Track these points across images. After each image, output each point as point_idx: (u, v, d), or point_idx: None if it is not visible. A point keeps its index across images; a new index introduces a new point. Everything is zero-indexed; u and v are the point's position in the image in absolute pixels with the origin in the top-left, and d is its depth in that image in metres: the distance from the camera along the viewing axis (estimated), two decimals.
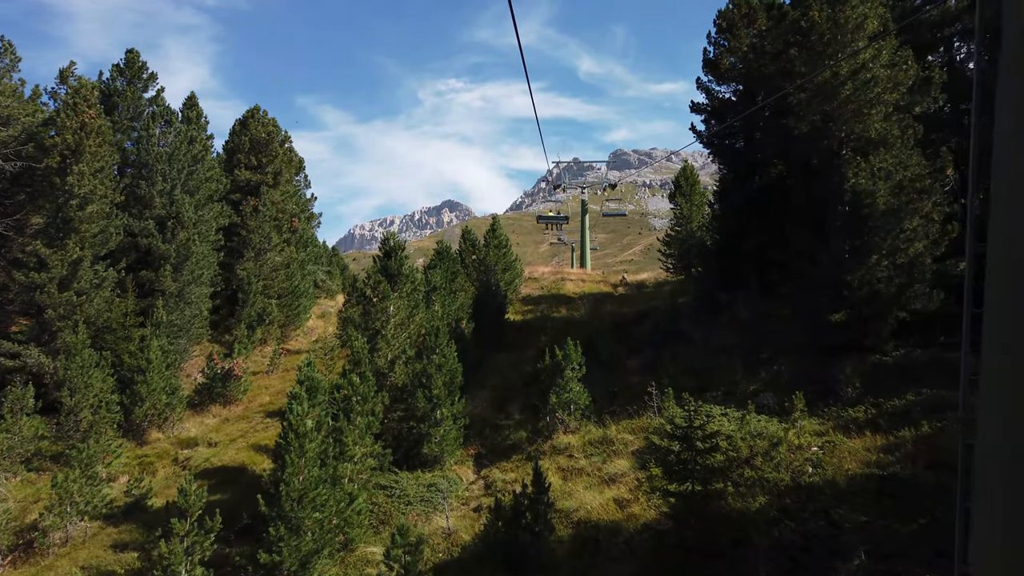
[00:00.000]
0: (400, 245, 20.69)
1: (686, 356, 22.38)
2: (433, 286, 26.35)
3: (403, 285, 20.43)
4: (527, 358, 29.47)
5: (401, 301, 20.47)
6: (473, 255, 36.12)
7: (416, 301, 20.85)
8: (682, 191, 43.26)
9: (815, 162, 21.29)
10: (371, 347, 19.54)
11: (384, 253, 20.80)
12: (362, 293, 20.42)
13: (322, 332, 43.72)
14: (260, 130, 44.14)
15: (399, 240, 20.95)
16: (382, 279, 19.91)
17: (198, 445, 27.54)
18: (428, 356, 19.21)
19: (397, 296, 20.47)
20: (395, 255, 20.53)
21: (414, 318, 20.83)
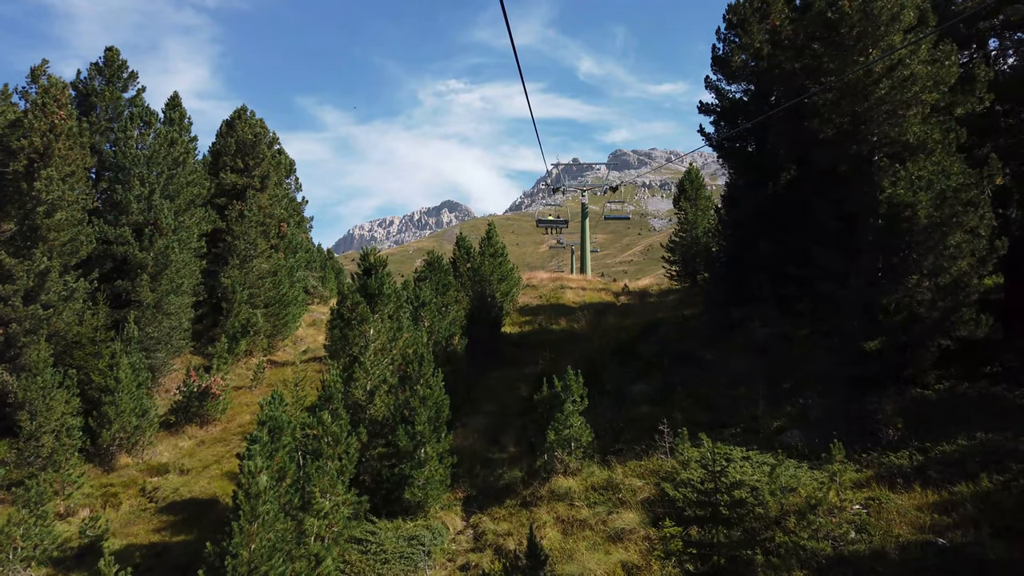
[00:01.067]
0: (381, 261, 18.32)
1: (698, 382, 19.99)
2: (422, 301, 24.01)
3: (384, 306, 18.07)
4: (524, 376, 27.14)
5: (382, 323, 18.10)
6: (468, 263, 33.77)
7: (400, 323, 18.49)
8: (687, 195, 40.93)
9: (842, 169, 18.91)
10: (347, 376, 17.17)
11: (363, 270, 18.43)
12: (339, 315, 18.06)
13: (312, 341, 41.43)
14: (247, 131, 41.77)
15: (380, 255, 18.57)
16: (360, 300, 17.56)
17: (169, 472, 25.19)
18: (411, 387, 16.85)
19: (378, 318, 18.11)
20: (375, 272, 18.17)
21: (397, 342, 18.46)
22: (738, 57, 27.47)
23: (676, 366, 21.86)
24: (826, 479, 13.62)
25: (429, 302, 23.99)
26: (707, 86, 28.59)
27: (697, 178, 40.98)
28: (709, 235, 39.90)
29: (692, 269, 40.74)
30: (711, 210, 40.67)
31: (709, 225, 40.06)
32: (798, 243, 24.82)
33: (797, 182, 24.84)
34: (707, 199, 41.22)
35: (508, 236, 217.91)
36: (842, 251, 19.37)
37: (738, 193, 29.55)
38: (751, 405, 17.55)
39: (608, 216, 54.51)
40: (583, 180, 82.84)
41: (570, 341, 30.94)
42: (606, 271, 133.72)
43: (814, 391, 17.33)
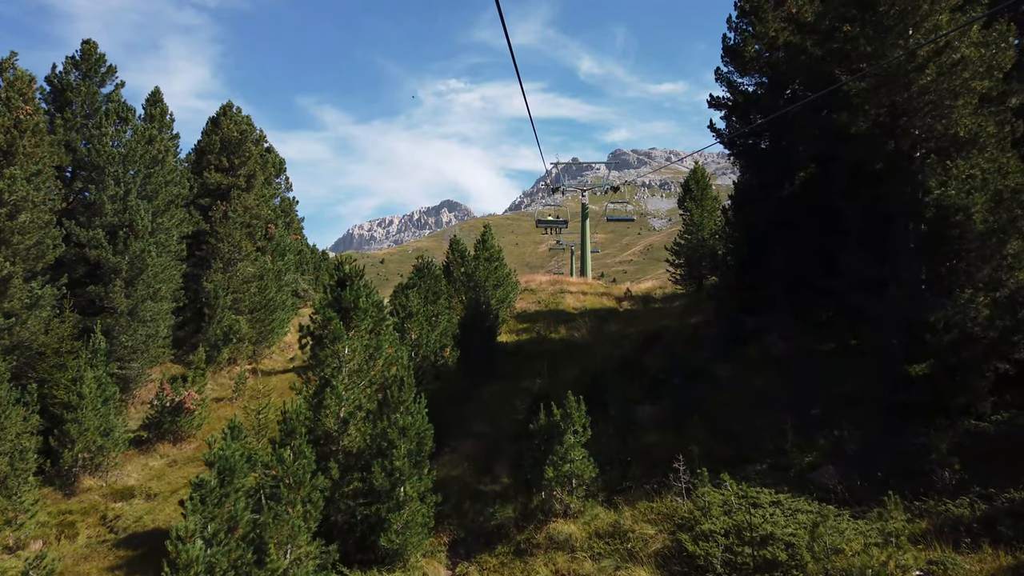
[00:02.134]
0: (358, 271, 15.98)
1: (714, 404, 17.63)
2: (409, 312, 21.70)
3: (360, 321, 15.74)
4: (521, 391, 24.83)
5: (358, 341, 15.78)
6: (462, 268, 31.45)
7: (379, 341, 16.15)
8: (692, 195, 38.57)
9: (878, 167, 16.56)
10: (317, 402, 14.85)
11: (337, 281, 16.08)
12: (308, 332, 15.73)
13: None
14: (232, 128, 39.38)
15: (356, 265, 16.24)
16: (333, 315, 15.23)
17: (135, 496, 22.87)
18: (389, 416, 14.53)
19: (354, 335, 15.78)
20: (351, 284, 15.83)
21: (376, 362, 16.14)
22: (751, 47, 25.13)
23: (687, 384, 19.53)
24: (875, 533, 11.28)
25: (416, 312, 21.69)
26: (717, 78, 26.25)
27: (703, 177, 38.62)
28: (716, 237, 37.58)
29: (698, 272, 38.40)
30: (718, 211, 38.35)
31: (715, 227, 37.74)
32: (818, 248, 22.54)
33: (817, 182, 22.51)
34: (713, 199, 38.88)
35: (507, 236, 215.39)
36: (873, 258, 17.08)
37: (750, 193, 27.21)
38: (777, 435, 15.18)
39: (611, 217, 51.99)
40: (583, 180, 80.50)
41: (570, 351, 28.62)
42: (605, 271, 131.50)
43: (848, 419, 14.97)
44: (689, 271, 38.87)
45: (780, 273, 24.25)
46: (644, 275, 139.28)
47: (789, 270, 23.62)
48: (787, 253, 23.99)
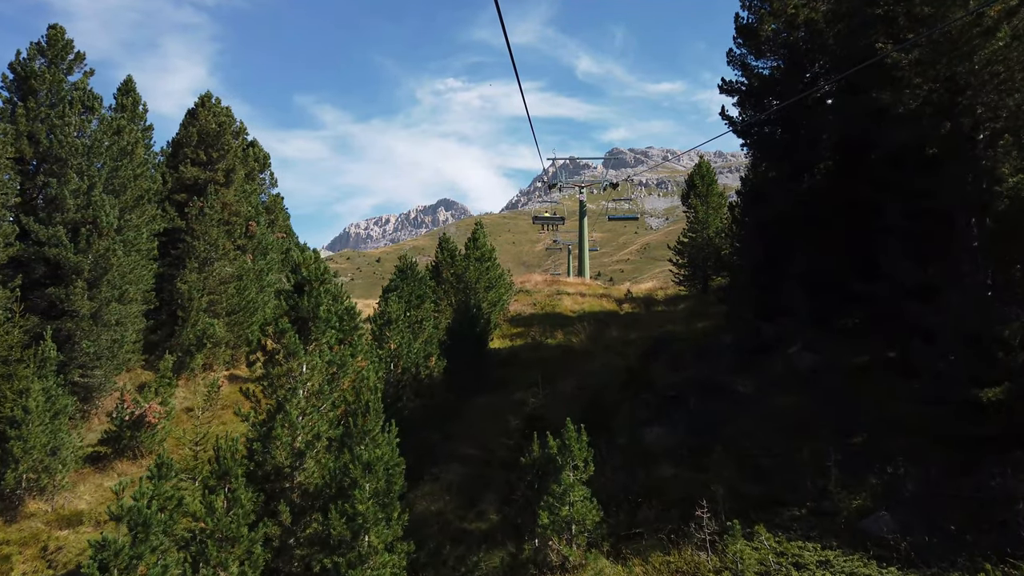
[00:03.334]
0: (319, 274, 13.33)
1: (735, 429, 14.96)
2: (387, 319, 19.07)
3: (321, 333, 13.10)
4: (514, 404, 22.21)
5: (318, 357, 13.14)
6: (452, 268, 28.79)
7: (343, 358, 13.52)
8: (697, 191, 35.94)
9: (931, 152, 13.92)
10: (266, 431, 12.22)
11: (294, 286, 13.42)
12: (259, 347, 13.08)
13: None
14: (210, 120, 36.63)
15: (320, 265, 13.59)
16: (287, 326, 12.59)
17: (83, 523, 20.20)
18: (351, 448, 11.90)
19: (313, 349, 13.15)
20: (311, 289, 13.19)
21: (341, 380, 13.51)
22: (767, 26, 22.49)
23: (702, 401, 16.91)
24: None
25: (396, 319, 19.04)
26: (729, 61, 23.61)
27: (708, 172, 35.99)
28: (722, 236, 34.99)
29: (703, 273, 35.81)
30: (724, 208, 35.76)
31: (722, 225, 35.15)
32: (846, 248, 19.96)
33: (846, 173, 19.91)
34: (719, 195, 36.26)
35: (504, 235, 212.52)
36: (922, 259, 14.51)
37: (766, 187, 24.64)
38: (817, 470, 12.52)
39: (613, 217, 49.05)
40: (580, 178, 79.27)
41: (568, 359, 26.01)
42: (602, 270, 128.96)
43: (902, 452, 12.33)
44: (693, 271, 36.28)
45: (800, 275, 21.68)
46: (641, 274, 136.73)
47: (810, 272, 21.05)
48: (808, 253, 21.42)
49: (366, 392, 12.21)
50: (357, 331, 16.84)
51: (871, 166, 18.10)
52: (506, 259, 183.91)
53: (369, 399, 12.14)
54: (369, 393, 12.21)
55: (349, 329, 16.58)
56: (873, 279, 16.34)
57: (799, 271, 21.62)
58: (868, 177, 18.19)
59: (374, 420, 12.08)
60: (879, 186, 16.74)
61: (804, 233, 21.45)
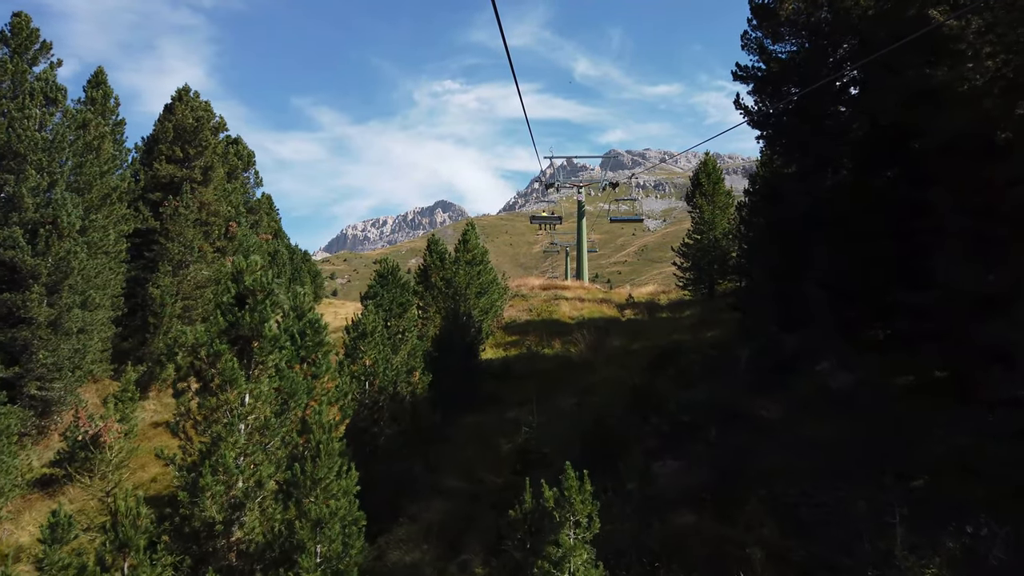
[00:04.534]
0: (265, 283, 10.86)
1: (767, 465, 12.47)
2: (362, 331, 16.60)
3: (267, 355, 10.63)
4: (507, 424, 19.78)
5: (266, 385, 10.67)
6: (442, 272, 26.29)
7: (294, 385, 11.06)
8: (703, 190, 33.47)
9: (1002, 137, 11.48)
10: (194, 479, 9.74)
11: (235, 297, 10.95)
12: (194, 371, 10.59)
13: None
14: (188, 115, 34.13)
15: (268, 274, 11.12)
16: (223, 348, 10.12)
17: (21, 561, 17.74)
18: (299, 503, 9.42)
19: (259, 373, 10.68)
20: (255, 302, 10.72)
21: (293, 412, 11.05)
22: (788, 5, 20.05)
23: (722, 428, 14.46)
24: None
25: (373, 331, 16.57)
26: (744, 45, 21.15)
27: (715, 170, 33.53)
28: (729, 238, 32.56)
29: (709, 277, 33.36)
30: (731, 207, 33.32)
31: (729, 226, 32.71)
32: (881, 251, 17.54)
33: (878, 166, 17.48)
34: (726, 195, 33.80)
35: (501, 236, 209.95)
36: (987, 264, 12.10)
37: (783, 184, 22.26)
38: (875, 525, 10.02)
39: (615, 218, 46.10)
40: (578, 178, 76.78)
41: (566, 372, 23.58)
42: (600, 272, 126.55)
43: (978, 503, 9.88)
44: (699, 275, 33.82)
45: (824, 281, 19.26)
46: (639, 276, 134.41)
47: (836, 278, 18.63)
48: (834, 257, 19.00)
49: (318, 431, 9.74)
50: (323, 347, 14.40)
51: (914, 158, 15.69)
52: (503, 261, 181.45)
53: (320, 439, 9.66)
54: (321, 432, 9.74)
55: (313, 346, 14.14)
56: (919, 286, 13.96)
57: (822, 276, 19.22)
58: (910, 170, 15.80)
59: (326, 466, 9.61)
60: (926, 180, 14.31)
61: (828, 234, 19.04)
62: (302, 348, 14.02)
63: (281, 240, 59.86)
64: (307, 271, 61.39)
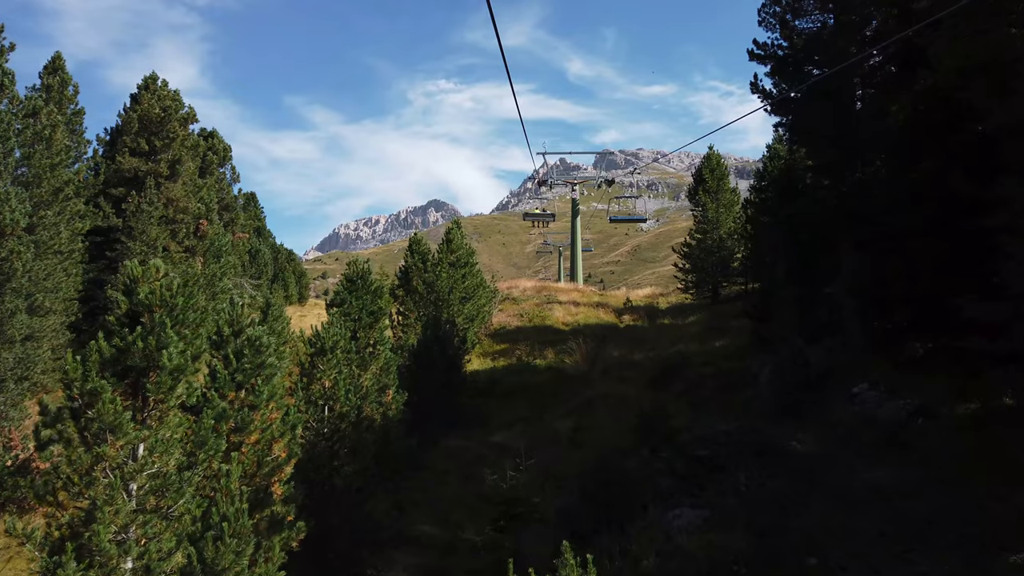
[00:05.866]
0: (167, 297, 8.16)
1: (811, 521, 9.76)
2: (320, 347, 13.89)
3: (168, 391, 7.93)
4: (493, 449, 17.12)
5: (168, 430, 8.00)
6: (425, 274, 23.59)
7: (203, 434, 8.37)
8: (706, 187, 30.86)
9: None
10: (55, 566, 7.00)
11: (126, 316, 8.22)
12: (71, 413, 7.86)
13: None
14: (154, 105, 31.33)
15: (171, 282, 8.43)
16: (103, 386, 7.43)
17: None
18: None
19: (155, 415, 8.01)
20: (151, 321, 8.01)
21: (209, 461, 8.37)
22: None
23: (746, 464, 11.83)
24: None
25: (333, 348, 13.87)
26: (761, 21, 18.51)
27: (719, 165, 30.89)
28: (735, 238, 29.97)
29: (713, 280, 30.75)
30: (737, 205, 30.73)
31: (734, 225, 30.13)
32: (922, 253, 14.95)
33: (921, 155, 14.85)
34: (732, 192, 31.18)
35: (495, 236, 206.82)
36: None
37: (803, 178, 19.70)
38: None
39: (615, 218, 42.81)
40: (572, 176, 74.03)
41: (560, 387, 20.94)
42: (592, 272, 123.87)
43: None
44: (701, 277, 31.19)
45: (855, 287, 16.66)
46: (632, 276, 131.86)
47: (871, 284, 16.03)
48: (866, 259, 16.41)
49: (223, 502, 7.02)
50: (265, 370, 11.71)
51: (969, 144, 13.12)
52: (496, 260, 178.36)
53: (227, 514, 6.94)
54: (228, 503, 7.02)
55: (251, 369, 11.44)
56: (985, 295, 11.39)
57: (852, 281, 16.63)
58: (965, 159, 13.20)
59: (232, 551, 6.89)
60: (991, 170, 11.70)
61: (859, 234, 16.45)
62: (238, 372, 11.34)
63: (265, 239, 57.12)
64: (292, 271, 58.62)
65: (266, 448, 11.40)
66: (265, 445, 11.37)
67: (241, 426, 10.96)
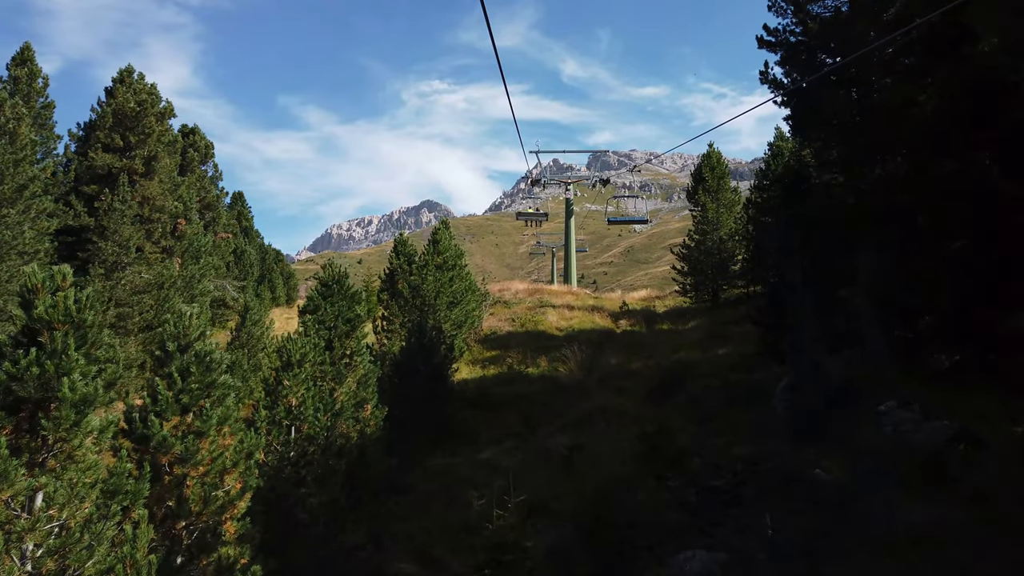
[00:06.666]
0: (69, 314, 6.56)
1: (854, 566, 8.28)
2: (287, 361, 12.31)
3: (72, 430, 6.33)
4: (480, 468, 15.56)
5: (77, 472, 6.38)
6: (412, 277, 21.99)
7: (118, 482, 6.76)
8: (706, 186, 29.39)
9: None
10: None
11: (23, 335, 6.59)
12: None
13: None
14: (129, 98, 29.65)
15: (78, 296, 6.84)
16: None
17: None
18: None
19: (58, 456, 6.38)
20: (53, 342, 6.41)
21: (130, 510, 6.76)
22: None
23: (767, 498, 10.33)
24: None
25: (301, 362, 12.28)
26: (771, 6, 16.97)
27: (719, 164, 29.41)
28: (736, 239, 28.51)
29: (713, 283, 29.27)
30: (738, 205, 29.25)
31: (736, 226, 28.65)
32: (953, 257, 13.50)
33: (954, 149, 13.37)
34: (733, 191, 29.71)
35: (488, 236, 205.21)
36: None
37: (816, 175, 18.20)
38: None
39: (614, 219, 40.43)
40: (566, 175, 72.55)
41: (554, 398, 19.39)
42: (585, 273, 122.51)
43: None
44: (701, 280, 29.69)
45: (874, 293, 15.17)
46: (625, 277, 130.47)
47: (896, 289, 14.54)
48: (886, 262, 14.93)
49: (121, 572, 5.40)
50: (216, 390, 10.13)
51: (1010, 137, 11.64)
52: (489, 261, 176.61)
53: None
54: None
55: (199, 390, 9.87)
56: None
57: (873, 287, 15.15)
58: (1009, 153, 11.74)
59: None
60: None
61: (881, 235, 14.96)
62: (183, 393, 9.75)
63: (252, 239, 55.36)
64: (280, 272, 56.89)
65: (217, 480, 9.84)
66: (215, 477, 9.80)
67: (185, 456, 9.40)
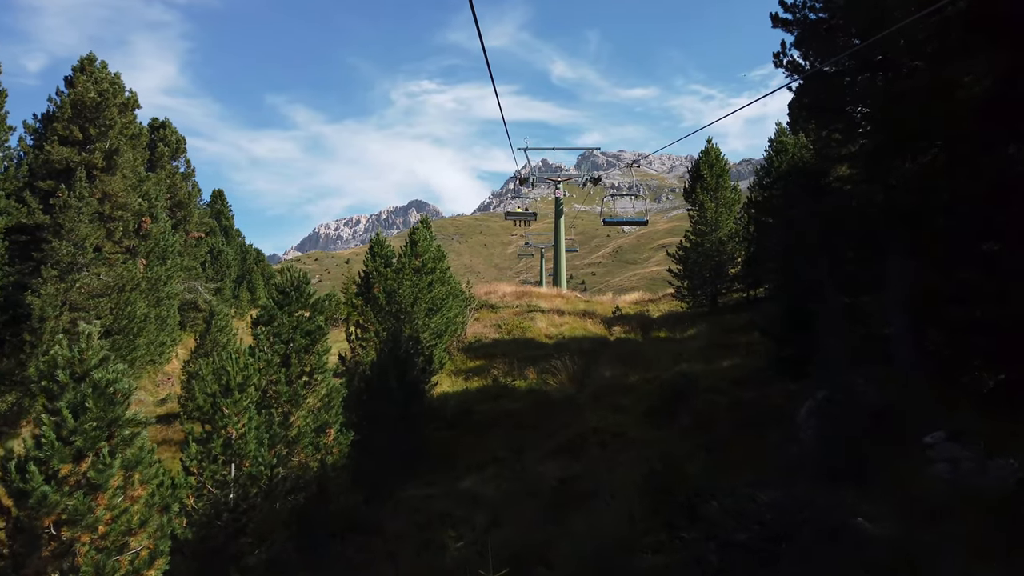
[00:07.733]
0: None
1: None
2: (225, 385, 10.18)
3: None
4: (461, 498, 13.48)
5: None
6: (388, 281, 19.86)
7: None
8: (704, 184, 27.40)
9: None
10: None
11: None
12: None
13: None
14: (90, 88, 27.37)
15: None
16: None
17: None
18: None
19: None
20: None
21: None
22: None
23: (810, 560, 8.37)
24: None
25: (243, 386, 10.15)
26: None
27: (718, 160, 27.43)
28: (736, 240, 26.55)
29: (711, 287, 27.30)
30: (738, 204, 27.28)
31: (736, 226, 26.70)
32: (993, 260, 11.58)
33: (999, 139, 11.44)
34: (732, 190, 27.73)
35: (476, 236, 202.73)
36: None
37: (835, 170, 16.24)
38: None
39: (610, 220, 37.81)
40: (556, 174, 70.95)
41: (543, 416, 17.33)
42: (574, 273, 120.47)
43: None
44: (699, 283, 27.71)
45: (908, 304, 13.23)
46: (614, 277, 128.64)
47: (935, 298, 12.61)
48: (922, 268, 12.99)
49: None
50: (122, 429, 8.04)
51: None
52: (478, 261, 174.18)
53: None
54: None
55: (96, 431, 7.76)
56: None
57: (906, 297, 13.21)
58: None
59: None
60: None
61: (916, 236, 13.03)
62: (76, 435, 7.65)
63: (232, 239, 53.01)
64: (260, 273, 54.54)
65: (119, 543, 7.72)
66: (117, 540, 7.69)
67: (75, 517, 7.28)
